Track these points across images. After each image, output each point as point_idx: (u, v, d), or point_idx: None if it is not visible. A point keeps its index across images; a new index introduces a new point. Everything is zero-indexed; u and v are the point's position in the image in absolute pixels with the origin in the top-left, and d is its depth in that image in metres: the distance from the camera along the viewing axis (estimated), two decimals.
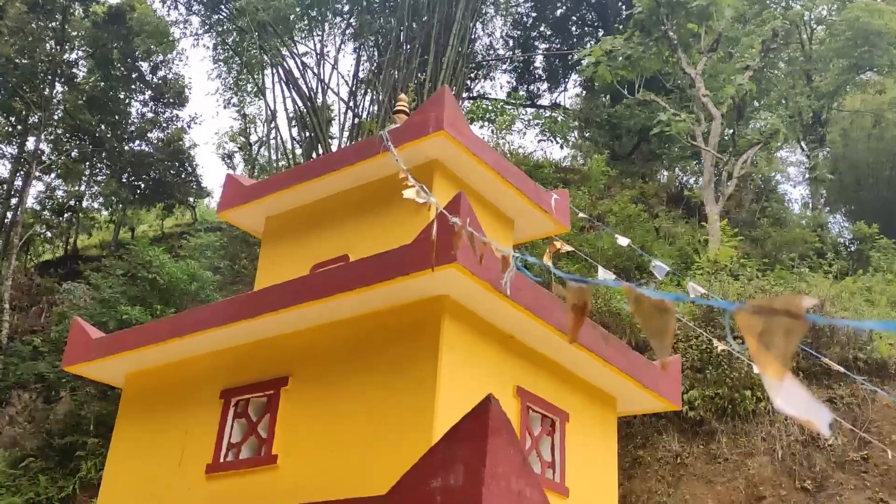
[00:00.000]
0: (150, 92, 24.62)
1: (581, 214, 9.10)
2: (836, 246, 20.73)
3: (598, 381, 5.47)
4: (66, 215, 26.02)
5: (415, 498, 2.64)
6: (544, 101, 29.14)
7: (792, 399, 1.48)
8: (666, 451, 13.03)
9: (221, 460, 4.88)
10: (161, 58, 24.52)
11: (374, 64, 24.56)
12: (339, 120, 25.03)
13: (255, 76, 26.51)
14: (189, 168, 25.20)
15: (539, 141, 33.12)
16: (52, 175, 25.17)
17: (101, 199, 27.22)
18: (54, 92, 22.78)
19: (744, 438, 12.60)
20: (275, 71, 24.32)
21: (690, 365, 12.99)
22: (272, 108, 26.31)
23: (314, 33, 25.41)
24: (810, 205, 24.71)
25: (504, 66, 29.44)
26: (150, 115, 24.97)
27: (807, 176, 23.90)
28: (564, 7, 27.94)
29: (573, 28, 28.25)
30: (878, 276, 16.93)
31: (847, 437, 12.10)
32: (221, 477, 4.83)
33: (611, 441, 5.65)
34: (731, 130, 20.13)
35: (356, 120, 23.73)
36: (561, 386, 5.17)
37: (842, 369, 5.61)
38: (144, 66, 24.20)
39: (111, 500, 5.35)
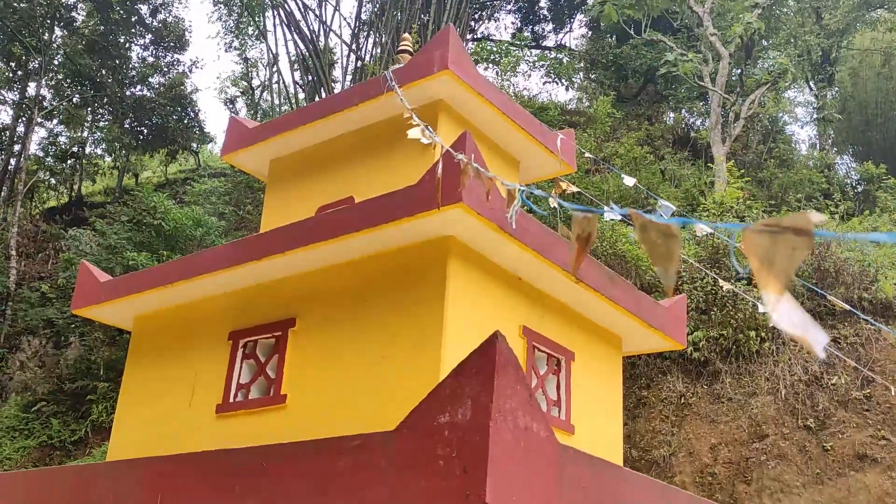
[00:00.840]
0: (150, 36, 24.35)
1: (587, 155, 9.03)
2: (842, 187, 20.61)
3: (604, 321, 5.48)
4: (69, 162, 25.98)
5: (423, 433, 2.67)
6: (549, 43, 28.77)
7: (789, 317, 1.49)
8: (670, 391, 13.14)
9: (231, 400, 4.93)
10: (160, 0, 24.17)
11: (377, 5, 24.19)
12: (342, 63, 24.77)
13: (256, 18, 26.18)
14: (191, 113, 25.05)
15: (544, 83, 32.66)
16: (55, 121, 25.07)
17: (103, 146, 27.14)
18: (53, 36, 22.54)
19: (747, 378, 12.70)
20: (276, 13, 24.01)
21: (695, 306, 13.04)
22: (274, 52, 26.03)
23: None
24: (817, 145, 24.52)
25: (508, 7, 29.00)
26: (150, 59, 24.73)
27: (814, 116, 23.67)
28: None
29: None
30: (884, 216, 16.86)
31: (850, 375, 12.18)
32: (231, 416, 4.89)
33: (616, 380, 5.69)
34: (739, 70, 19.87)
35: (359, 63, 23.48)
36: (567, 326, 5.19)
37: (847, 306, 5.61)
38: (144, 8, 23.89)
39: (123, 441, 5.42)
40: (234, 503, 2.95)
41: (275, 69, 25.58)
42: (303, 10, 23.49)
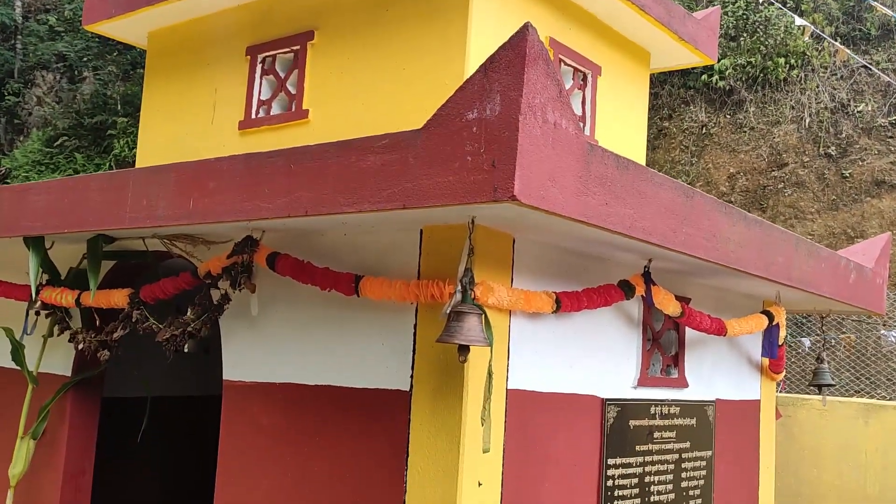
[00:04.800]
0: None
1: None
2: None
3: (633, 35, 5.27)
4: None
5: (451, 129, 2.62)
6: None
7: None
8: (692, 121, 13.01)
9: (253, 117, 4.90)
10: None
11: None
12: None
13: None
14: None
15: None
16: None
17: None
18: None
19: (772, 107, 12.50)
20: None
21: (724, 33, 12.55)
22: None
23: None
24: None
25: None
26: None
27: None
28: None
29: None
30: None
31: (878, 102, 11.93)
32: (254, 133, 4.88)
33: (642, 99, 5.58)
34: None
35: None
36: (595, 38, 5.00)
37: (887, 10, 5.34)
38: None
39: (148, 163, 5.47)
40: (263, 203, 2.99)
41: None
42: None
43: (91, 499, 4.62)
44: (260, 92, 4.96)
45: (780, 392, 6.75)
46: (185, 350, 4.09)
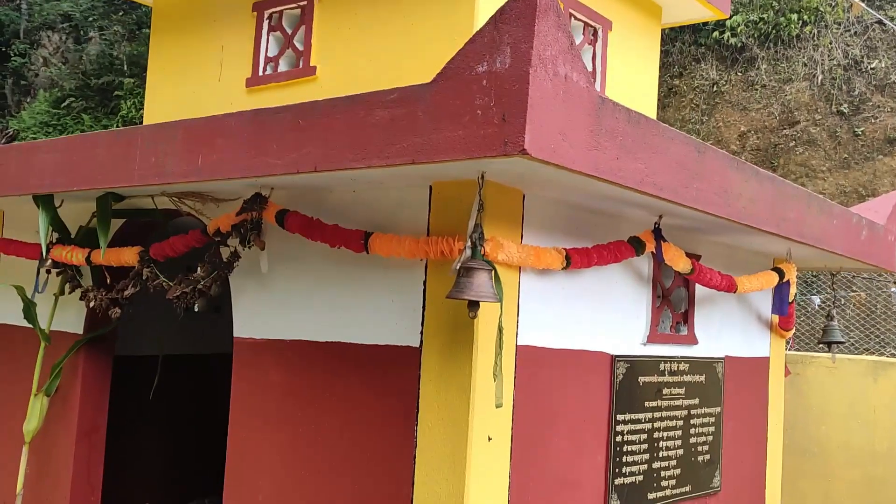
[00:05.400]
0: None
1: None
2: None
3: None
4: None
5: (460, 83, 2.59)
6: None
7: None
8: (703, 79, 12.87)
9: (260, 74, 4.86)
10: None
11: None
12: None
13: None
14: None
15: None
16: None
17: None
18: None
19: (784, 64, 12.35)
20: None
21: None
22: None
23: None
24: None
25: None
26: None
27: None
28: None
29: None
30: None
31: (892, 59, 11.78)
32: (262, 90, 4.85)
33: (653, 55, 5.51)
34: None
35: None
36: None
37: None
38: None
39: (156, 120, 5.44)
40: (271, 159, 2.98)
41: None
42: None
43: (105, 456, 4.68)
44: (267, 49, 4.91)
45: (790, 350, 6.76)
46: (196, 309, 4.12)
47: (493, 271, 2.85)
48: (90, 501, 4.55)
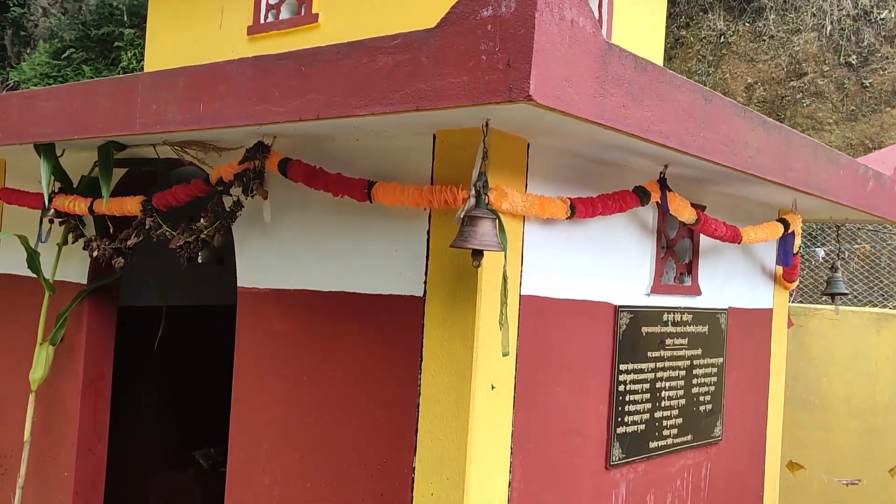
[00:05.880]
0: None
1: None
2: None
3: None
4: None
5: (465, 28, 2.55)
6: None
7: None
8: (710, 30, 12.71)
9: (262, 21, 4.80)
10: None
11: None
12: None
13: None
14: None
15: None
16: None
17: None
18: None
19: (792, 15, 12.17)
20: None
21: None
22: None
23: None
24: None
25: None
26: None
27: None
28: None
29: None
30: None
31: None
32: (263, 38, 4.79)
33: (660, 1, 5.43)
34: None
35: None
36: None
37: None
38: None
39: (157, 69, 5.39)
40: (274, 106, 2.94)
41: None
42: None
43: (110, 406, 4.72)
44: None
45: (793, 302, 6.76)
46: (199, 260, 4.11)
47: (497, 220, 2.83)
48: (97, 449, 4.61)
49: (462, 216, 2.82)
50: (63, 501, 4.53)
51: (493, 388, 3.07)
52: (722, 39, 12.44)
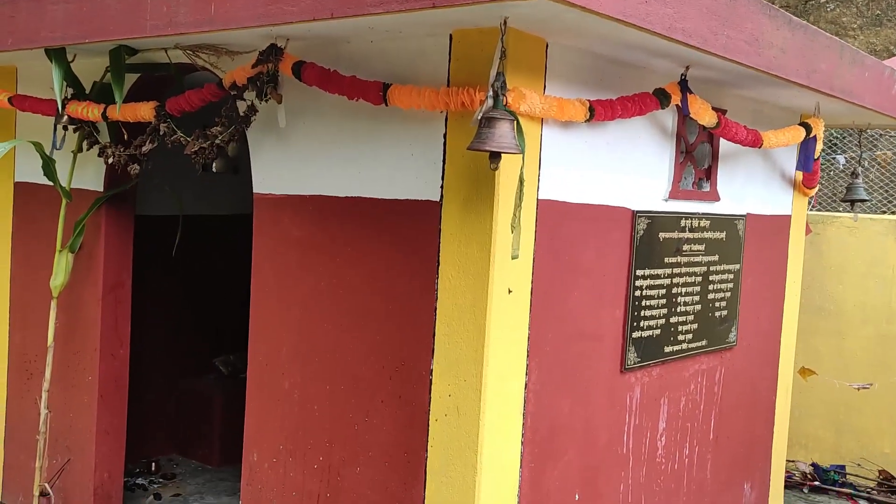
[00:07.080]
0: None
1: None
2: None
3: None
4: None
5: None
6: None
7: None
8: None
9: None
10: None
11: None
12: None
13: None
14: None
15: None
16: None
17: None
18: None
19: None
20: None
21: None
22: None
23: None
24: None
25: None
26: None
27: None
28: None
29: None
30: None
31: None
32: None
33: None
34: None
35: None
36: None
37: None
38: None
39: None
40: (287, 6, 2.87)
41: None
42: None
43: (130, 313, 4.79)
44: None
45: (812, 210, 6.71)
46: (214, 169, 4.10)
47: (515, 121, 2.79)
48: (119, 355, 4.69)
49: (479, 118, 2.78)
50: (88, 404, 4.65)
51: (510, 291, 3.08)
52: None
